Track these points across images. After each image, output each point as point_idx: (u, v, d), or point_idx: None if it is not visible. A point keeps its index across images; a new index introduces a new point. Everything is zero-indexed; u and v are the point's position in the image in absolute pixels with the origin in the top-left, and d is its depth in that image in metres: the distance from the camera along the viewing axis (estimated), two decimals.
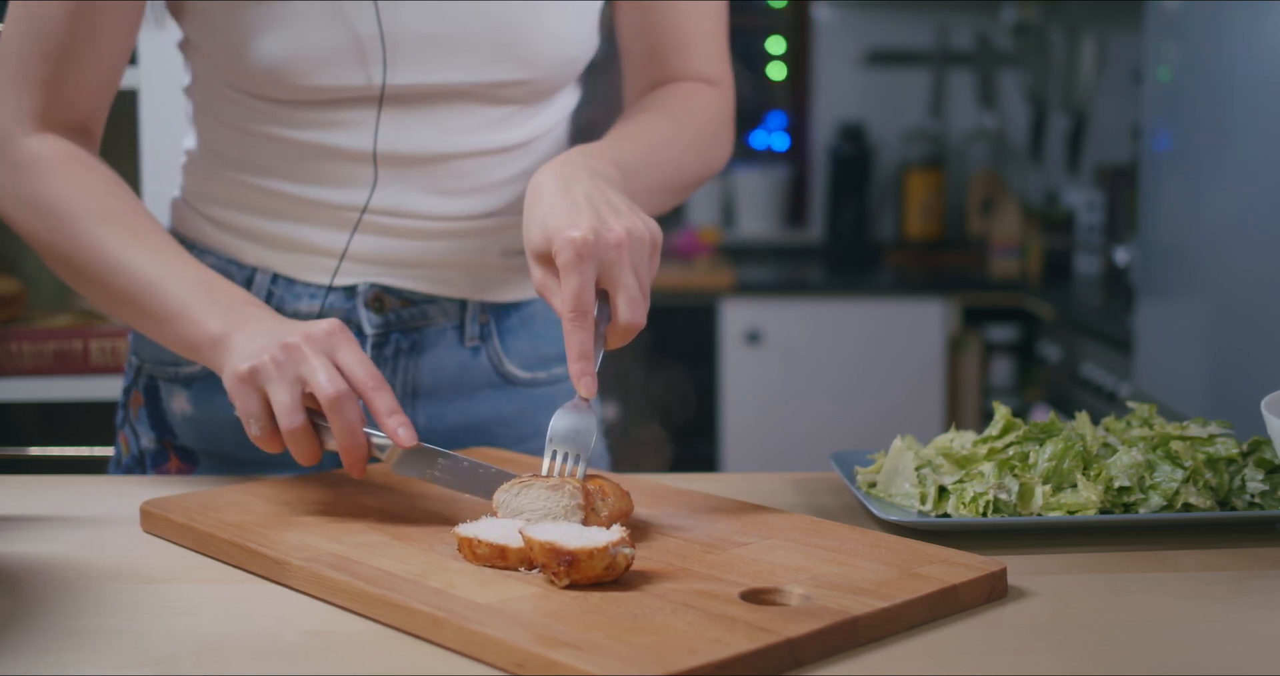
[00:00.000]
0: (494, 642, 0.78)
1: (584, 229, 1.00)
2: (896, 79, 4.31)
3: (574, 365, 1.01)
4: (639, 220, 1.04)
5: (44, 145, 1.21)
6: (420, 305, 1.30)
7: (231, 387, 1.07)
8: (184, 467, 1.32)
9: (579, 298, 1.00)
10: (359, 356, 1.07)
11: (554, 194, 1.05)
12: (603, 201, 1.05)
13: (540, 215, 1.04)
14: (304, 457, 1.06)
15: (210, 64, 1.26)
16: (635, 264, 1.02)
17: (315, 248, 1.28)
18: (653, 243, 1.05)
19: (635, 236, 1.03)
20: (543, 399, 1.37)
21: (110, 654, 0.81)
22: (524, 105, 1.30)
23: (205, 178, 1.31)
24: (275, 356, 1.05)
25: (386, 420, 1.05)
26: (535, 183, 1.08)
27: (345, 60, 1.21)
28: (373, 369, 1.07)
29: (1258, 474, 1.07)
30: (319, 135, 1.25)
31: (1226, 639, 0.83)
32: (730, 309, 3.74)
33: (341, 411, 1.04)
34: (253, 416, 1.06)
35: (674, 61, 1.36)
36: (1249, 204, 2.02)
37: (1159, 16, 2.42)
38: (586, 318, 1.00)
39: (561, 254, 1.00)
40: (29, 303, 2.18)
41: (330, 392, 1.03)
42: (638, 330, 1.03)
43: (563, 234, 1.01)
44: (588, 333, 1.00)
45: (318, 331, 1.07)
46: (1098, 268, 3.79)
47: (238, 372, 1.06)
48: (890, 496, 1.09)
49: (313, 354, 1.05)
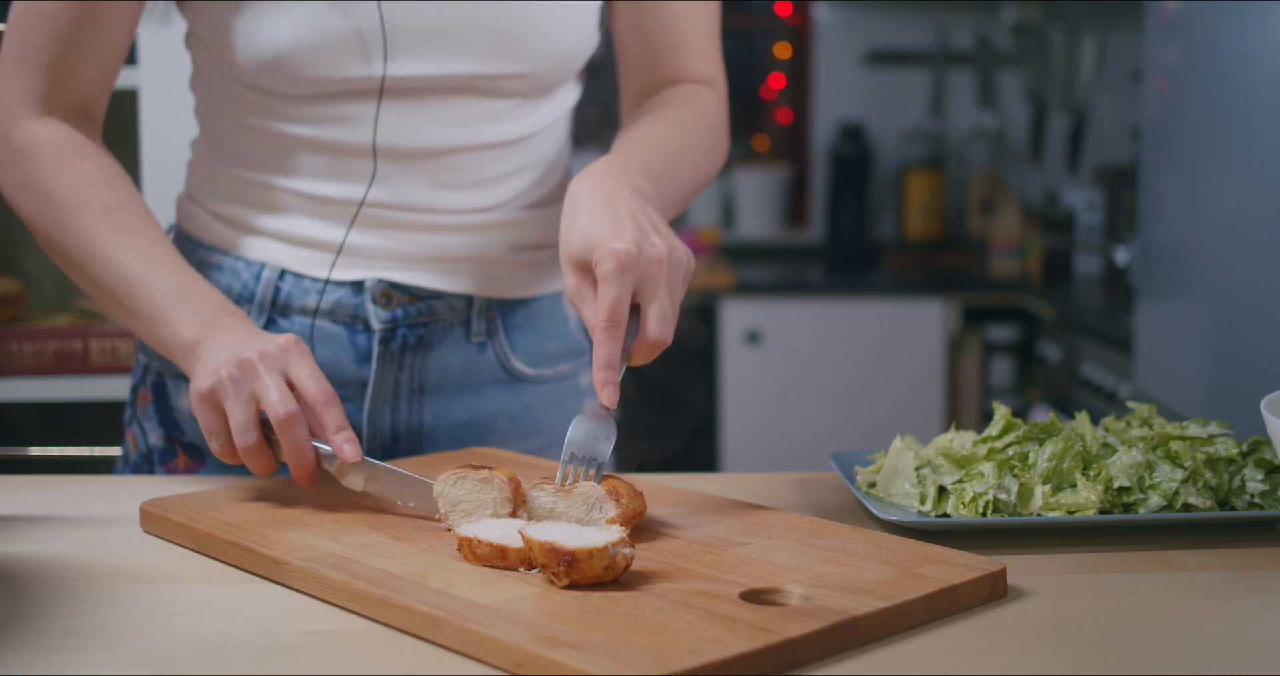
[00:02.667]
0: (494, 642, 0.78)
1: (627, 241, 1.02)
2: (896, 79, 4.31)
3: (599, 373, 1.02)
4: (677, 242, 1.07)
5: (46, 130, 1.23)
6: (427, 301, 1.31)
7: (194, 405, 1.10)
8: (191, 464, 1.33)
9: (615, 307, 1.01)
10: (310, 370, 1.10)
11: (596, 205, 1.07)
12: (645, 217, 1.06)
13: (582, 225, 1.05)
14: (259, 470, 1.10)
15: (214, 58, 1.27)
16: (670, 283, 1.04)
17: (319, 242, 1.28)
18: (688, 266, 1.07)
19: (675, 257, 1.05)
20: (548, 395, 1.38)
21: (110, 654, 0.81)
22: (524, 99, 1.30)
23: (209, 173, 1.32)
24: (231, 374, 1.08)
25: (334, 437, 1.09)
26: (575, 191, 1.10)
27: (347, 53, 1.22)
28: (324, 384, 1.10)
29: (1258, 474, 1.07)
30: (320, 129, 1.26)
31: (1226, 639, 0.83)
32: (730, 309, 3.74)
33: (291, 431, 1.07)
34: (213, 433, 1.10)
35: (671, 62, 1.36)
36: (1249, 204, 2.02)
37: (1159, 16, 2.42)
38: (619, 328, 1.02)
39: (604, 263, 1.02)
40: (29, 302, 2.18)
41: (280, 413, 1.07)
42: (663, 347, 1.04)
43: (606, 244, 1.02)
44: (617, 343, 1.02)
45: (272, 348, 1.10)
46: (1098, 268, 3.79)
47: (199, 391, 1.09)
48: (890, 496, 1.09)
49: (266, 372, 1.08)
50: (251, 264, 1.29)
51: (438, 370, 1.31)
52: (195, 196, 1.34)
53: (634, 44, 1.37)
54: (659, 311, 1.03)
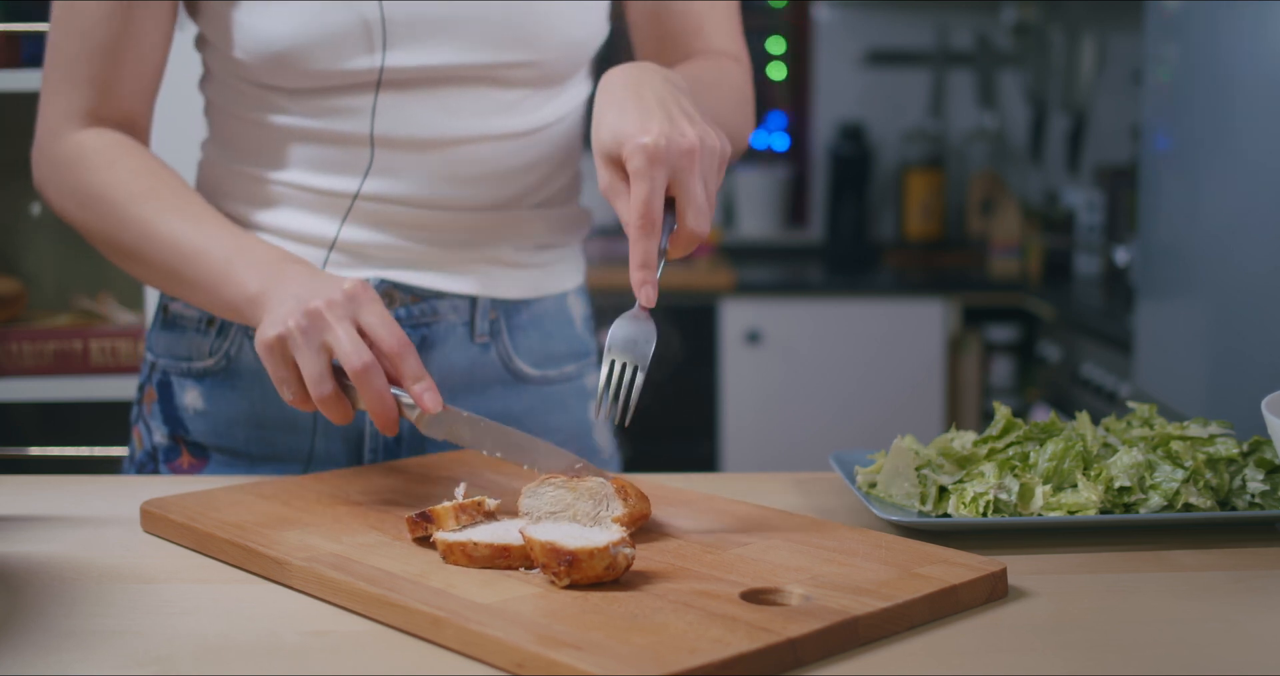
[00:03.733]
0: (494, 642, 0.78)
1: (656, 134, 0.99)
2: (896, 79, 4.31)
3: (636, 272, 0.99)
4: (709, 129, 1.03)
5: (89, 136, 1.24)
6: (430, 301, 1.30)
7: (261, 354, 1.08)
8: (195, 463, 1.33)
9: (648, 204, 0.99)
10: (381, 317, 1.08)
11: (626, 96, 1.03)
12: (675, 106, 1.03)
13: (611, 118, 1.02)
14: (337, 419, 1.08)
15: (220, 55, 1.27)
16: (704, 173, 1.01)
17: (318, 238, 1.28)
18: (722, 153, 1.03)
19: (707, 145, 1.01)
20: (553, 397, 1.37)
21: (109, 654, 0.81)
22: (534, 89, 1.29)
23: (216, 172, 1.33)
24: (300, 323, 1.06)
25: (412, 387, 1.07)
26: (606, 82, 1.07)
27: (352, 44, 1.22)
28: (397, 331, 1.07)
29: (1258, 474, 1.07)
30: (323, 121, 1.26)
31: (1227, 639, 0.83)
32: (730, 309, 3.74)
33: (369, 381, 1.05)
34: (284, 382, 1.08)
35: (693, 43, 1.35)
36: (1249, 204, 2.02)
37: (1159, 16, 2.42)
38: (654, 225, 0.99)
39: (633, 159, 0.99)
40: (29, 302, 2.18)
41: (356, 364, 1.05)
42: (701, 240, 1.01)
43: (635, 139, 0.99)
44: (653, 241, 0.99)
45: (339, 295, 1.07)
46: (1098, 268, 3.79)
47: (265, 341, 1.07)
48: (890, 496, 1.09)
49: (336, 321, 1.06)
50: None
51: (440, 371, 1.31)
52: (203, 195, 1.34)
53: (652, 32, 1.36)
54: (694, 205, 1.00)
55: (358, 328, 1.07)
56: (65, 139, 1.24)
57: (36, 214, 2.19)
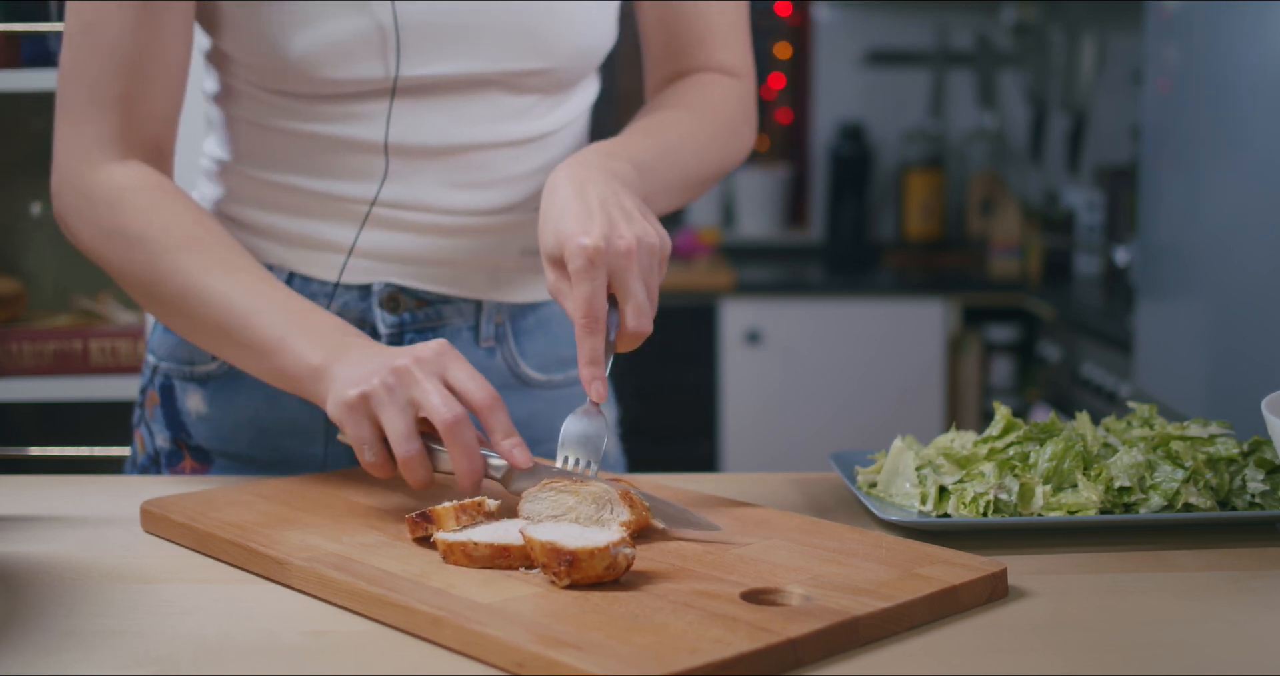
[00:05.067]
0: (494, 642, 0.78)
1: (595, 236, 1.02)
2: (896, 79, 4.31)
3: (584, 370, 1.02)
4: (650, 227, 1.05)
5: (125, 174, 1.21)
6: (435, 305, 1.30)
7: (340, 415, 1.05)
8: (198, 467, 1.32)
9: (590, 304, 1.01)
10: (471, 374, 1.06)
11: (568, 197, 1.06)
12: (615, 206, 1.05)
13: (554, 219, 1.05)
14: (417, 482, 1.05)
15: (238, 65, 1.26)
16: (644, 272, 1.04)
17: (330, 244, 1.28)
18: (661, 250, 1.06)
19: (645, 244, 1.04)
20: (559, 401, 1.37)
21: (109, 654, 0.81)
22: (545, 95, 1.29)
23: (231, 180, 1.31)
24: (386, 381, 1.04)
25: (502, 442, 1.05)
26: (551, 183, 1.09)
27: (369, 52, 1.22)
28: (487, 387, 1.06)
29: (1258, 474, 1.07)
30: (336, 128, 1.25)
31: (1227, 639, 0.83)
32: (730, 309, 3.74)
33: (459, 436, 1.03)
34: (366, 443, 1.05)
35: (696, 53, 1.36)
36: (1249, 204, 2.02)
37: (1159, 16, 2.42)
38: (598, 323, 1.02)
39: (573, 261, 1.02)
40: (29, 302, 2.18)
41: (448, 417, 1.02)
42: (645, 337, 1.04)
43: (574, 240, 1.02)
44: (599, 338, 1.02)
45: (427, 353, 1.06)
46: (1098, 268, 3.79)
47: (346, 400, 1.05)
48: (890, 496, 1.09)
49: (424, 377, 1.04)
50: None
51: None
52: (216, 202, 1.34)
53: (659, 36, 1.37)
54: (635, 304, 1.03)
55: (445, 384, 1.05)
56: (97, 172, 1.20)
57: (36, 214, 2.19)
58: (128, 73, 1.20)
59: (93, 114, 1.20)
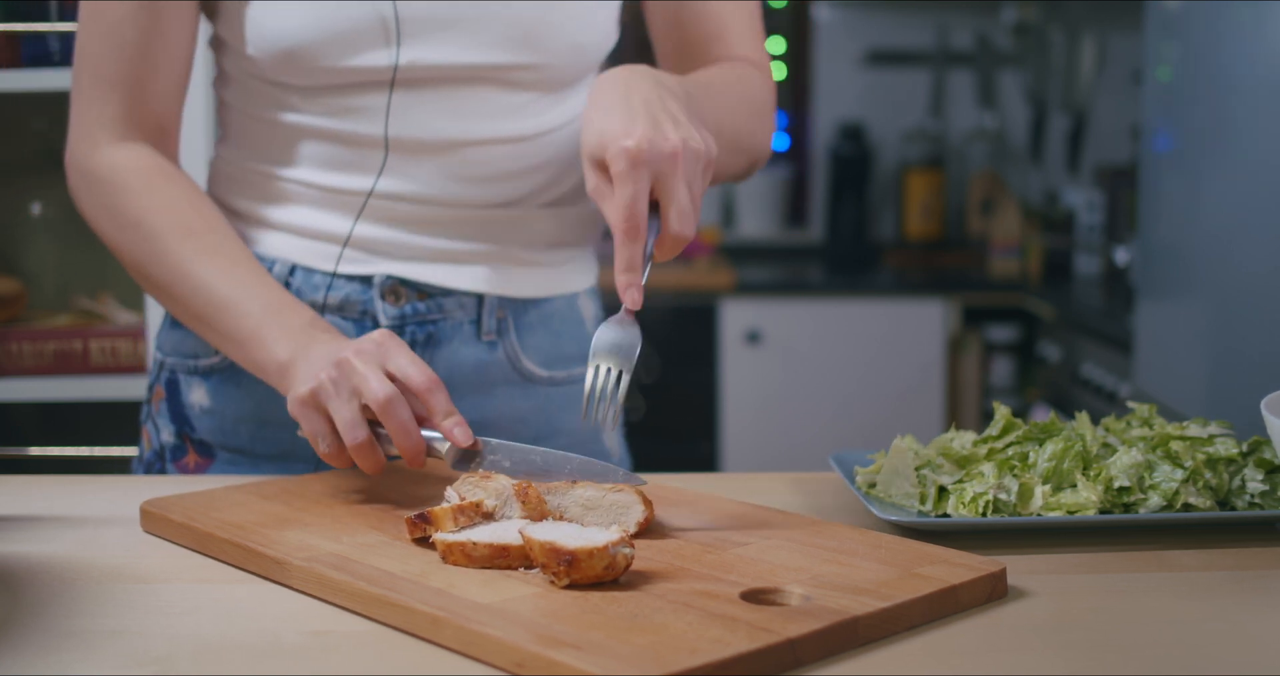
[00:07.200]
0: (494, 642, 0.78)
1: (639, 137, 1.00)
2: (896, 79, 4.31)
3: (621, 276, 1.00)
4: (695, 132, 1.03)
5: (129, 155, 1.24)
6: (436, 298, 1.30)
7: (296, 412, 1.09)
8: (201, 462, 1.33)
9: (631, 208, 0.99)
10: (410, 359, 1.09)
11: (613, 99, 1.04)
12: (661, 109, 1.03)
13: (597, 120, 1.03)
14: (369, 468, 1.08)
15: (235, 54, 1.27)
16: (688, 176, 1.02)
17: (328, 234, 1.28)
18: (707, 155, 1.04)
19: (690, 148, 1.02)
20: (560, 398, 1.37)
21: (109, 654, 0.81)
22: (541, 93, 1.29)
23: (228, 170, 1.33)
24: (330, 374, 1.07)
25: (442, 422, 1.07)
26: (597, 85, 1.08)
27: (366, 42, 1.22)
28: (425, 370, 1.08)
29: (1258, 474, 1.07)
30: (334, 120, 1.26)
31: (1227, 639, 0.83)
32: (730, 309, 3.74)
33: (393, 413, 1.05)
34: (319, 435, 1.08)
35: (712, 48, 1.35)
36: (1249, 204, 2.02)
37: (1159, 16, 2.42)
38: (638, 229, 1.00)
39: (616, 162, 1.00)
40: (29, 302, 2.18)
41: (380, 397, 1.05)
42: (686, 243, 1.02)
43: (617, 142, 1.00)
44: (638, 244, 1.00)
45: (368, 344, 1.09)
46: (1098, 268, 3.79)
47: (299, 397, 1.08)
48: (890, 496, 1.09)
49: (364, 366, 1.07)
50: (265, 259, 1.29)
51: (447, 368, 1.31)
52: (214, 193, 1.35)
53: (672, 38, 1.36)
54: (679, 208, 1.01)
55: (387, 373, 1.08)
56: (100, 152, 1.24)
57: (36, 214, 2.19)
58: (131, 54, 1.23)
59: (96, 95, 1.23)
